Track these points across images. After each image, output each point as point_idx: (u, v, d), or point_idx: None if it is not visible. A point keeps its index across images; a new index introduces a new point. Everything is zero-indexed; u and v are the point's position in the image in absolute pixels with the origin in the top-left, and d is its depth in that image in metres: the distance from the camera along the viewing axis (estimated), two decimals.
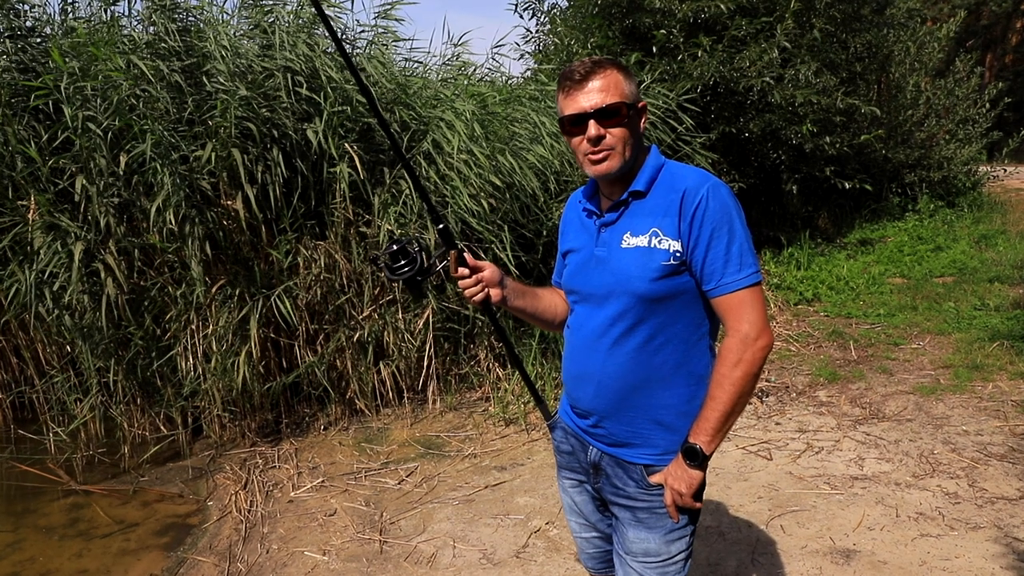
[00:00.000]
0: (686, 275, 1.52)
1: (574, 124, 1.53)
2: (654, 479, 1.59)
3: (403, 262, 1.68)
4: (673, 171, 1.58)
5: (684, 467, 1.52)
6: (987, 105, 11.46)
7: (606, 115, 1.49)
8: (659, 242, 1.50)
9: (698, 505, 1.57)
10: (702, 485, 1.55)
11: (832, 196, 9.74)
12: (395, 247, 1.69)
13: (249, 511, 3.61)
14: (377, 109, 1.64)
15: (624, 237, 1.56)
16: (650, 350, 1.55)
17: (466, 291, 1.68)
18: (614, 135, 1.51)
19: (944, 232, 8.99)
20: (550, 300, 1.86)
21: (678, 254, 1.49)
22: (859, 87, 8.56)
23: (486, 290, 1.69)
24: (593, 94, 1.49)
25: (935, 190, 10.74)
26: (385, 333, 4.57)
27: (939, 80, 10.88)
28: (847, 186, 8.01)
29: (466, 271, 1.67)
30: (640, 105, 1.58)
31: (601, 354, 1.59)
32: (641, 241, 1.52)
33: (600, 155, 1.52)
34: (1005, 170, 12.18)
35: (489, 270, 1.70)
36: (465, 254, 1.68)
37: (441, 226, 1.70)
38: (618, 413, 1.60)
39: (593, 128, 1.49)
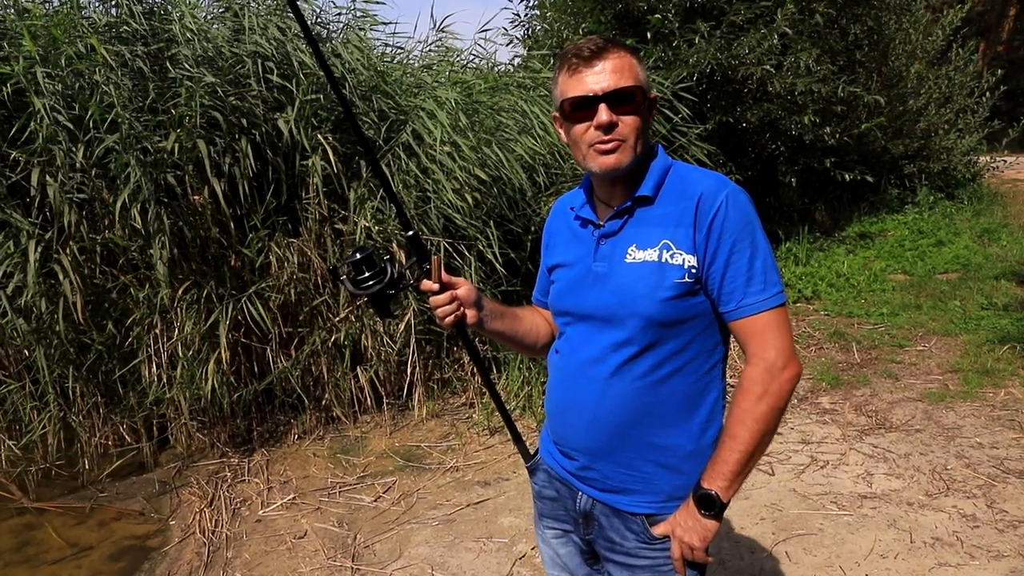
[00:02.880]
0: (701, 295, 1.29)
1: (579, 108, 1.29)
2: (658, 530, 1.35)
3: (369, 274, 1.42)
4: (683, 174, 1.35)
5: (697, 517, 1.28)
6: (986, 94, 11.22)
7: (619, 100, 1.27)
8: (671, 256, 1.27)
9: (711, 559, 1.34)
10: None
11: (829, 188, 9.49)
12: (359, 256, 1.42)
13: (213, 532, 3.36)
14: (340, 94, 1.37)
15: (629, 250, 1.32)
16: (655, 380, 1.31)
17: (438, 310, 1.42)
18: (627, 124, 1.28)
19: (945, 226, 8.76)
20: (531, 322, 1.61)
21: (694, 270, 1.27)
22: (858, 75, 8.30)
23: (461, 310, 1.44)
24: (605, 75, 1.27)
25: (934, 182, 10.50)
26: (363, 336, 4.30)
27: (939, 68, 10.61)
28: (847, 178, 7.77)
29: (436, 286, 1.42)
30: (652, 96, 1.35)
31: (598, 384, 1.35)
32: (650, 255, 1.29)
33: (610, 145, 1.28)
34: (1006, 160, 11.94)
35: (465, 287, 1.45)
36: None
37: (411, 232, 1.45)
38: (615, 453, 1.36)
39: (604, 113, 1.26)
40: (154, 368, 3.99)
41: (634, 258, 1.31)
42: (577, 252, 1.43)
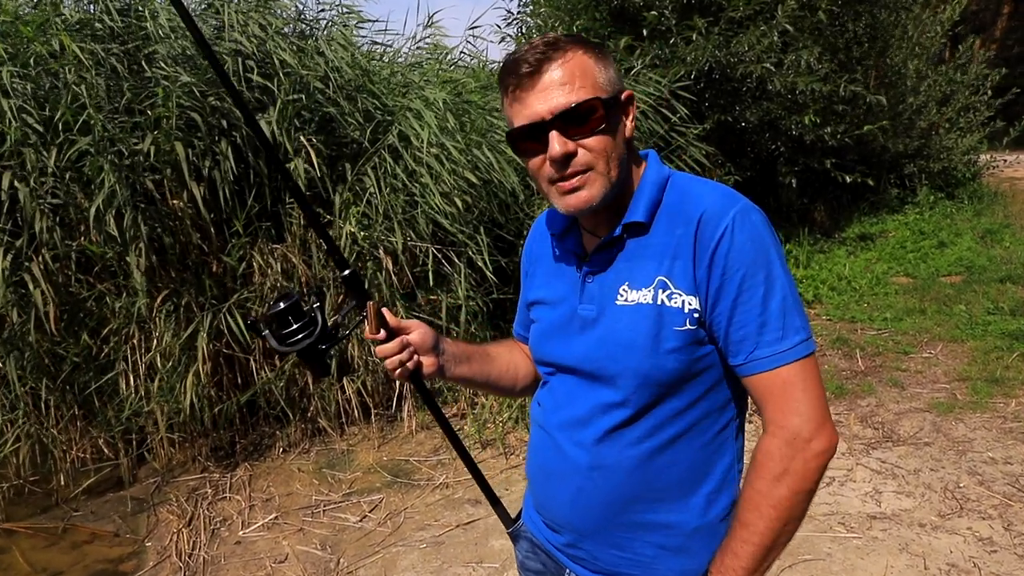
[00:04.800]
0: (710, 345, 1.06)
1: (528, 138, 1.04)
2: None
3: (296, 326, 1.21)
4: (683, 189, 1.10)
5: None
6: (989, 92, 11.05)
7: (574, 120, 1.01)
8: (669, 297, 1.04)
9: None
10: None
11: (829, 188, 9.33)
12: (283, 305, 1.21)
13: (190, 555, 3.20)
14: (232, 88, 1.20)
15: (620, 290, 1.09)
16: (653, 448, 1.08)
17: (386, 361, 1.21)
18: (590, 148, 1.03)
19: (946, 226, 8.60)
20: (507, 362, 1.39)
21: (696, 315, 1.03)
22: (857, 73, 8.14)
23: (415, 358, 1.24)
24: (553, 91, 1.00)
25: (934, 181, 10.34)
26: (350, 345, 4.13)
27: (940, 67, 10.45)
28: (848, 179, 7.61)
29: (381, 335, 1.22)
30: (624, 96, 1.09)
31: (585, 449, 1.12)
32: (644, 296, 1.06)
33: (571, 182, 1.04)
34: (1006, 160, 11.79)
35: (418, 331, 1.24)
36: (384, 311, 1.22)
37: (348, 272, 1.24)
38: (605, 532, 1.14)
39: (557, 143, 1.01)
40: (132, 380, 3.84)
41: (626, 300, 1.08)
42: (560, 289, 1.21)
